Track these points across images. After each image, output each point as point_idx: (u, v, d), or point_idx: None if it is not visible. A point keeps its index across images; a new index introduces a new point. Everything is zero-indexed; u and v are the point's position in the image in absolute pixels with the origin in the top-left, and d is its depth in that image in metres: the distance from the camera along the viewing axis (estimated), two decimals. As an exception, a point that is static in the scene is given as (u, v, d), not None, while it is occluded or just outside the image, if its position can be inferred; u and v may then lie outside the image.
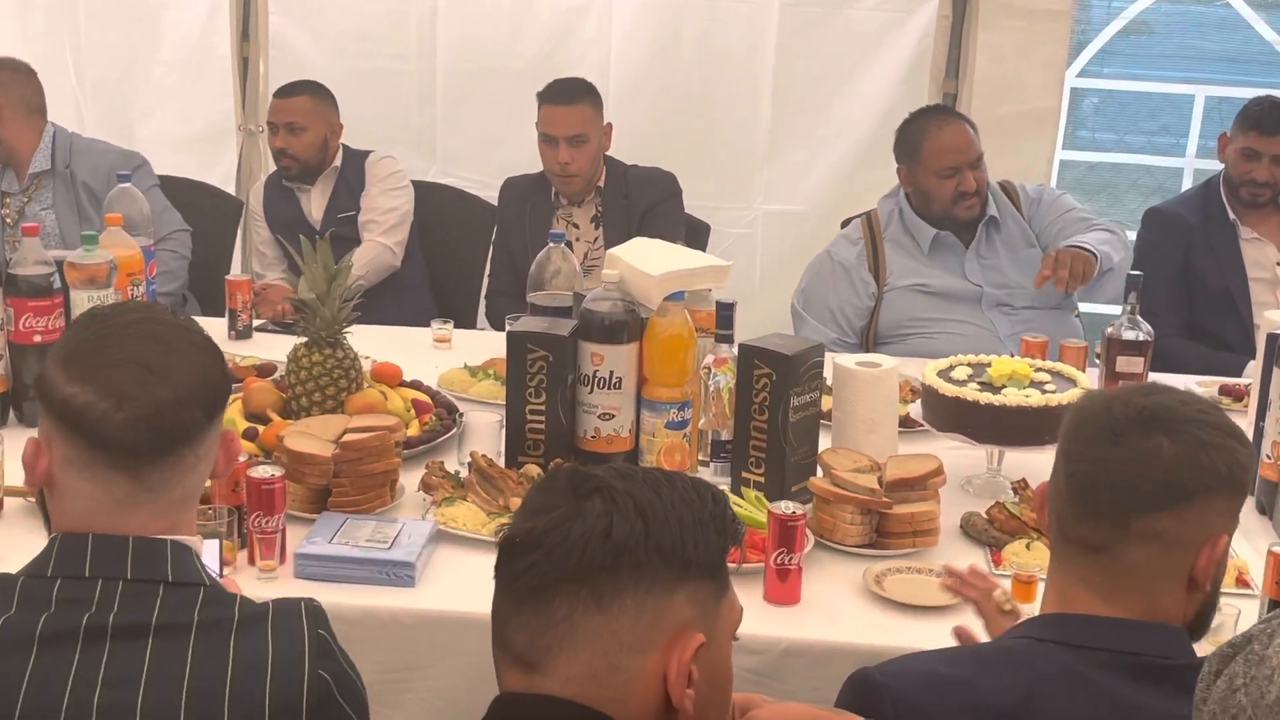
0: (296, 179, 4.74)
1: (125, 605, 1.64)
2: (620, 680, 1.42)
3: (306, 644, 1.67)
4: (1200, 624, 1.80)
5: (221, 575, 2.32)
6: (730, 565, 1.52)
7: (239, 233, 5.08)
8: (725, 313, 2.90)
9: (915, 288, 4.14)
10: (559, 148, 4.43)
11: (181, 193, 4.72)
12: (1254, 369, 3.89)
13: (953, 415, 2.83)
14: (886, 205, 4.25)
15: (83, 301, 3.13)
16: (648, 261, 2.88)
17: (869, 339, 4.17)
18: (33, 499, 2.56)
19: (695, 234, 4.63)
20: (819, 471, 2.77)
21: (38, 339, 3.06)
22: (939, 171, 4.09)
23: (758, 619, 2.39)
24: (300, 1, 5.35)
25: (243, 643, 1.65)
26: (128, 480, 1.67)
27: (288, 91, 4.74)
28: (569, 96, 4.46)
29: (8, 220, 4.39)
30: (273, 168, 4.90)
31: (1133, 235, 4.74)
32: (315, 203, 4.76)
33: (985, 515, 2.74)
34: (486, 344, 3.72)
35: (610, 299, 2.84)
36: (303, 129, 4.71)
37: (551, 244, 3.40)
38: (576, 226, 4.57)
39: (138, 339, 1.67)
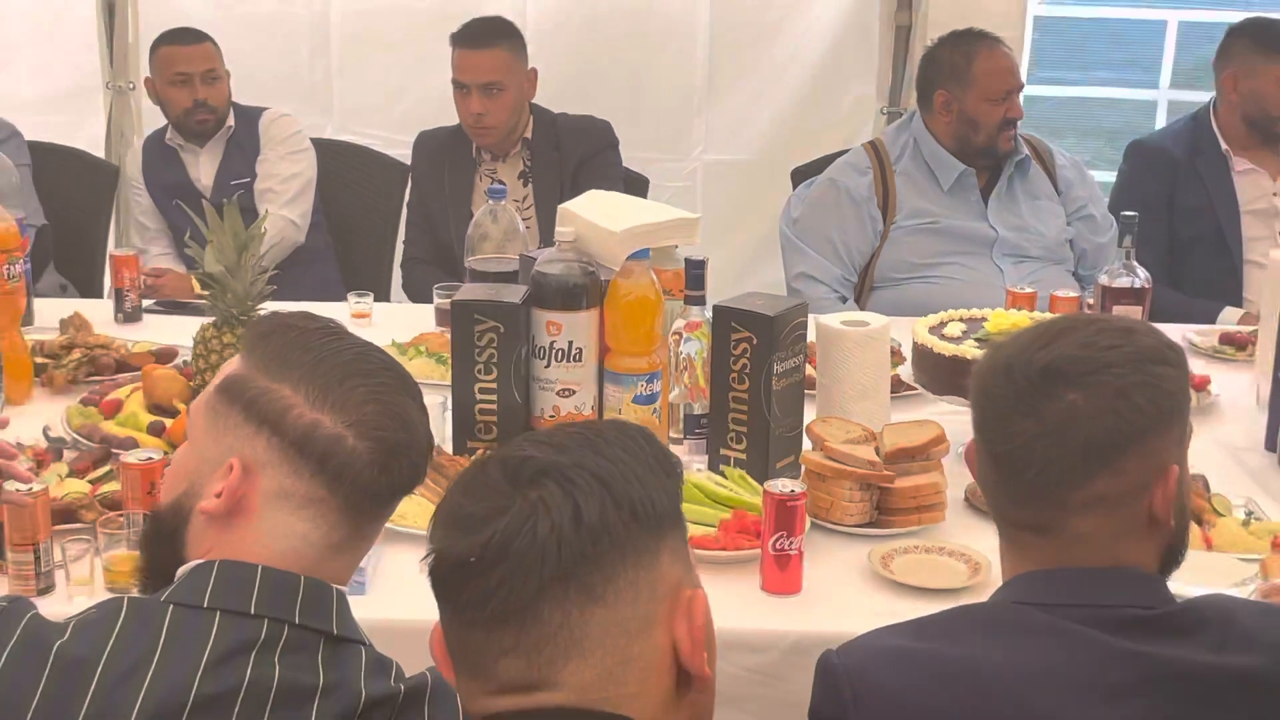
0: (197, 137, 4.65)
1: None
2: (636, 671, 1.42)
3: None
4: (1171, 558, 1.81)
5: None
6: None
7: (114, 203, 4.97)
8: (696, 271, 2.90)
9: (925, 227, 4.19)
10: (471, 97, 4.42)
11: (43, 158, 4.61)
12: (1231, 315, 4.02)
13: (951, 376, 2.83)
14: (897, 136, 4.33)
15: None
16: (607, 216, 2.89)
17: (865, 282, 4.21)
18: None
19: (633, 189, 4.58)
20: (807, 444, 2.78)
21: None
22: (991, 96, 4.17)
23: (757, 612, 2.41)
24: None
25: None
26: (349, 525, 1.71)
27: (189, 38, 4.62)
28: (482, 39, 4.43)
29: None
30: (149, 128, 4.79)
31: (1105, 175, 4.79)
32: (204, 167, 4.69)
33: (993, 486, 2.78)
34: (409, 317, 3.74)
35: (565, 260, 2.84)
36: (217, 78, 4.62)
37: (491, 202, 3.42)
38: (503, 184, 4.50)
39: (380, 370, 1.72)
